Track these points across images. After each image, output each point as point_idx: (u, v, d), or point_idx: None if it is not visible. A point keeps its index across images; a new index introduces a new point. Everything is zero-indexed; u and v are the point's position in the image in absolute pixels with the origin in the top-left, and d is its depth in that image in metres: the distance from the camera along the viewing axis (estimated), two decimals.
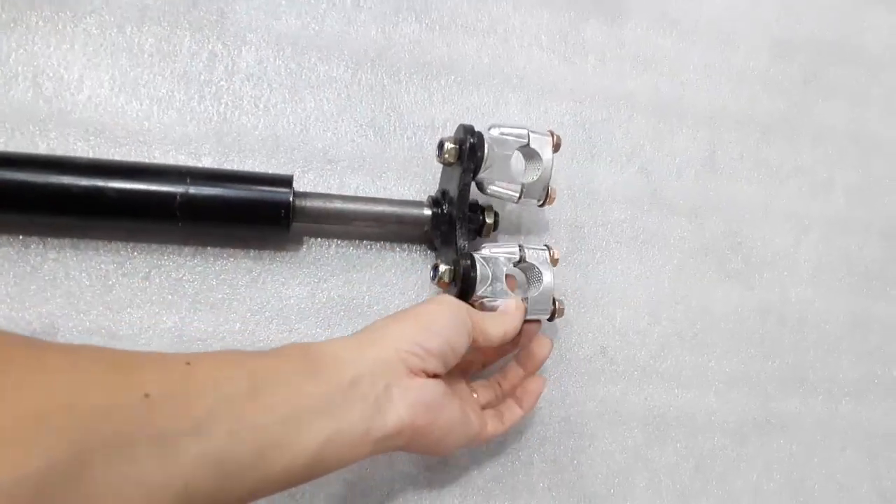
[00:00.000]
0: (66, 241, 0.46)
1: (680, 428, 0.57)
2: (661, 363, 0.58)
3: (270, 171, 0.50)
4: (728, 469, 0.58)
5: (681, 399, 0.58)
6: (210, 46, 0.51)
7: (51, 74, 0.48)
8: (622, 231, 0.59)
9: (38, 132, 0.48)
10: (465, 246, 0.47)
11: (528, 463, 0.53)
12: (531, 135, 0.48)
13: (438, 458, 0.51)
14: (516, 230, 0.56)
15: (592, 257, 0.58)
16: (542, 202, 0.49)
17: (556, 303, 0.48)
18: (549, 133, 0.49)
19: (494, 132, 0.47)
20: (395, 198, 0.51)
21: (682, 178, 0.62)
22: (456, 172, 0.48)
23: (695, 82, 0.64)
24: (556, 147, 0.49)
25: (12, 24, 0.49)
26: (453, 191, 0.48)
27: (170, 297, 0.47)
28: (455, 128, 0.48)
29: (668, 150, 0.62)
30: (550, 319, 0.48)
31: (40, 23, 0.49)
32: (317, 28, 0.54)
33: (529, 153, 0.49)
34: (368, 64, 0.55)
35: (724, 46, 0.66)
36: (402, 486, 0.50)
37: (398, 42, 0.55)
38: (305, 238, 0.51)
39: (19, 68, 0.48)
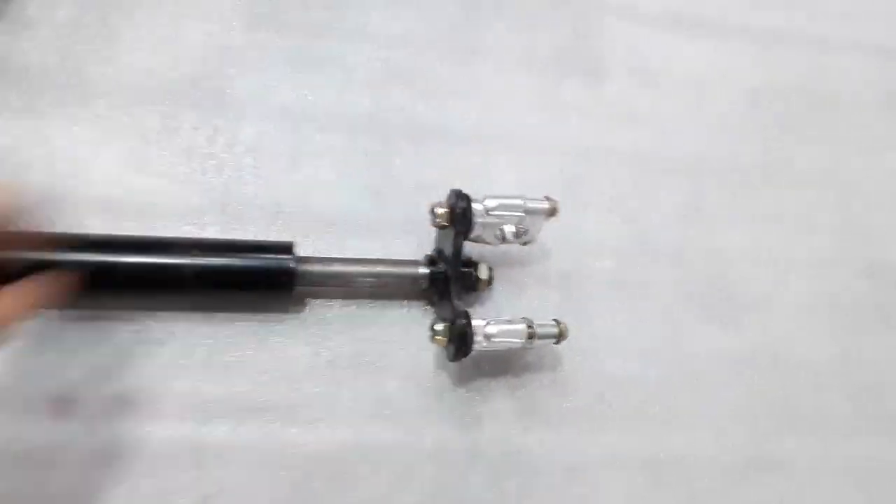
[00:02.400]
0: (85, 312, 0.51)
1: (677, 470, 0.61)
2: (653, 407, 0.62)
3: (272, 238, 0.55)
4: None
5: (676, 441, 0.62)
6: (212, 122, 0.57)
7: (64, 156, 0.54)
8: (611, 279, 0.64)
9: (54, 211, 0.53)
10: (460, 305, 0.52)
11: None
12: (526, 203, 0.54)
13: None
14: (508, 282, 0.61)
15: (584, 306, 0.63)
16: (525, 243, 0.55)
17: (560, 324, 0.54)
18: (544, 199, 0.54)
19: (491, 203, 0.53)
20: (393, 258, 0.56)
21: (667, 226, 0.67)
22: (449, 234, 0.53)
23: (675, 132, 0.70)
24: (552, 213, 0.54)
25: (26, 110, 0.55)
26: (448, 249, 0.54)
27: (183, 361, 0.52)
28: (447, 188, 0.54)
29: (652, 199, 0.68)
30: (557, 342, 0.54)
31: (52, 108, 0.55)
32: (312, 99, 0.60)
33: (522, 219, 0.54)
34: (362, 131, 0.61)
35: (701, 97, 0.72)
36: None
37: (389, 109, 0.62)
38: (308, 300, 0.56)
39: (34, 151, 0.54)
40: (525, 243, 0.56)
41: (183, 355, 0.52)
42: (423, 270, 0.55)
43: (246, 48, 0.59)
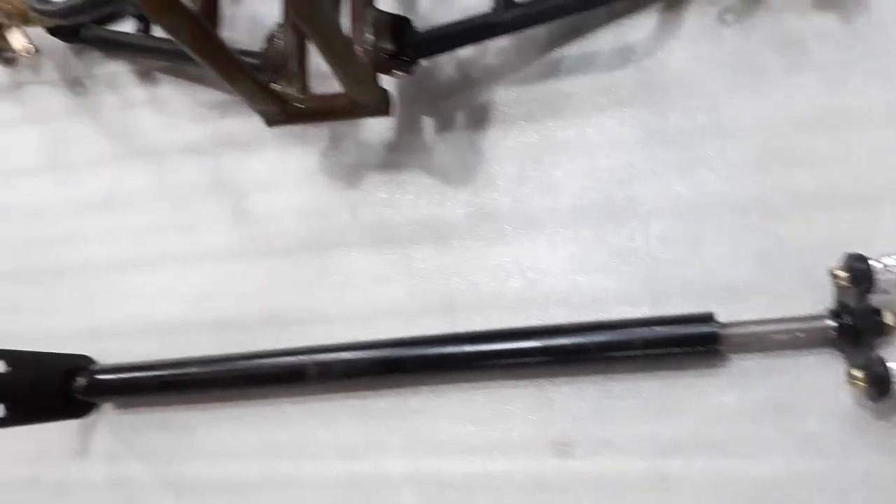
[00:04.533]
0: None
1: None
2: None
3: (690, 310, 0.72)
4: None
5: None
6: (629, 224, 0.77)
7: (530, 266, 0.78)
8: None
9: (528, 308, 0.77)
10: (872, 351, 0.63)
11: None
12: None
13: None
14: None
15: None
16: None
17: None
18: None
19: (889, 261, 0.63)
20: (799, 314, 0.69)
21: None
22: (850, 291, 0.64)
23: None
24: None
25: (496, 239, 0.80)
26: (851, 302, 0.65)
27: (638, 411, 0.72)
28: (836, 248, 0.65)
29: None
30: None
31: (515, 236, 0.79)
32: (702, 191, 0.76)
33: None
34: (749, 208, 0.74)
35: None
36: None
37: (771, 186, 0.74)
38: (730, 356, 0.71)
39: (511, 267, 0.79)
40: None
41: (638, 406, 0.72)
42: (831, 322, 0.67)
43: (642, 161, 0.77)
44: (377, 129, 0.86)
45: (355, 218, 0.85)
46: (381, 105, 0.73)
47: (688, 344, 0.69)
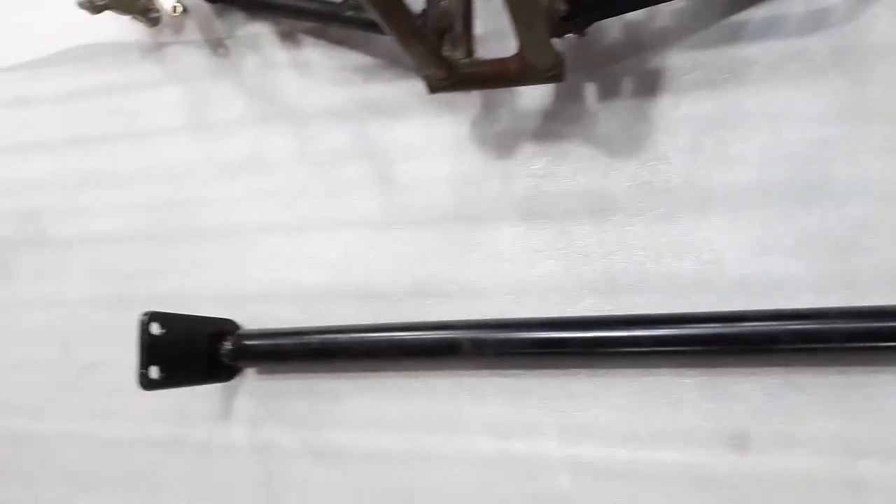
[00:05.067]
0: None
1: None
2: None
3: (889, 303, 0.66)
4: None
5: None
6: (821, 205, 0.70)
7: (705, 248, 0.73)
8: None
9: (702, 292, 0.72)
10: None
11: None
12: None
13: None
14: None
15: None
16: None
17: None
18: None
19: None
20: None
21: None
22: None
23: None
24: None
25: (666, 217, 0.75)
26: None
27: (821, 406, 0.67)
28: None
29: None
30: None
31: (684, 214, 0.74)
32: None
33: None
34: None
35: None
36: None
37: None
38: None
39: (683, 247, 0.74)
40: None
41: (826, 401, 0.67)
42: None
43: (838, 138, 0.70)
44: (534, 96, 0.82)
45: (508, 189, 0.82)
46: (555, 70, 0.69)
47: (892, 339, 0.63)
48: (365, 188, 0.88)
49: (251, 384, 0.90)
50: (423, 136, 0.86)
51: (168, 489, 0.93)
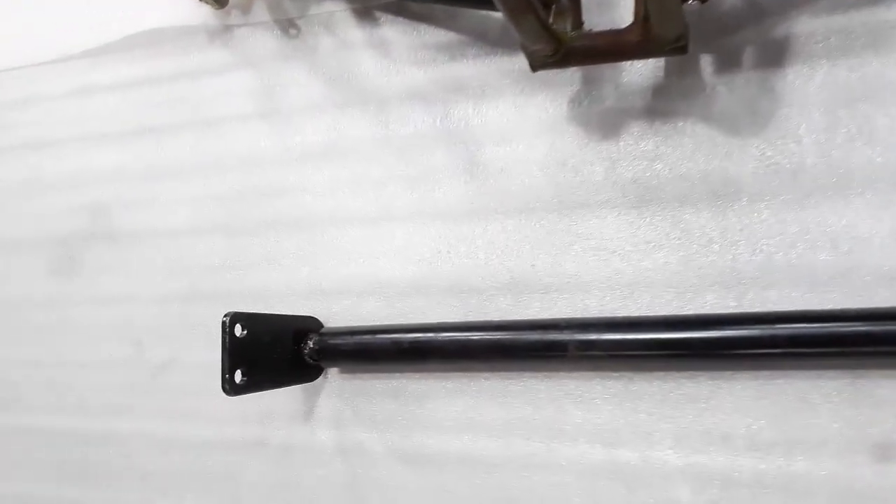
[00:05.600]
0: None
1: None
2: None
3: None
4: None
5: None
6: None
7: (844, 235, 0.65)
8: None
9: (840, 286, 0.65)
10: None
11: None
12: None
13: None
14: None
15: None
16: None
17: None
18: None
19: None
20: None
21: None
22: None
23: None
24: None
25: (799, 200, 0.67)
26: None
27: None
28: None
29: None
30: None
31: (827, 193, 0.66)
32: None
33: None
34: None
35: None
36: None
37: None
38: None
39: (817, 235, 0.66)
40: None
41: None
42: None
43: None
44: (642, 70, 0.74)
45: (613, 174, 0.75)
46: (682, 41, 0.61)
47: None
48: (452, 175, 0.82)
49: (335, 384, 0.86)
50: (516, 117, 0.80)
51: (249, 492, 0.90)
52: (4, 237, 1.08)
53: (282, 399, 0.87)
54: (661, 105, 0.74)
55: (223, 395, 0.71)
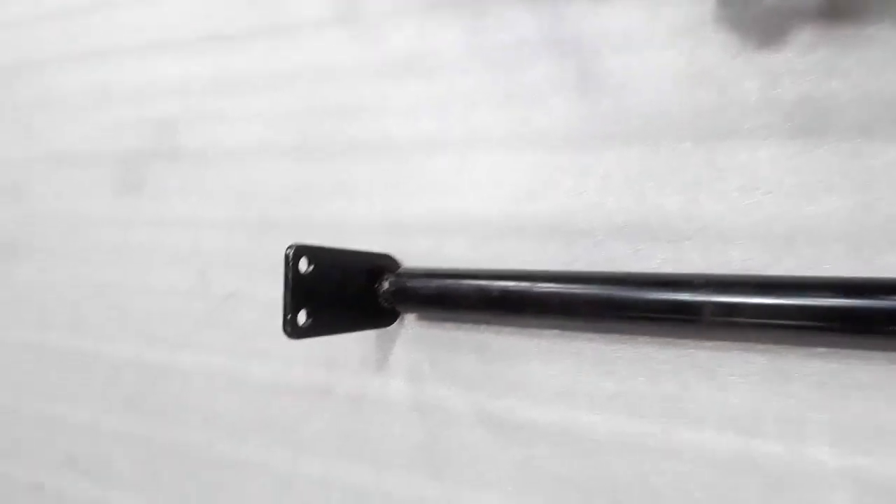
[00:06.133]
0: None
1: None
2: None
3: None
4: None
5: None
6: None
7: None
8: None
9: None
10: None
11: None
12: None
13: None
14: None
15: None
16: None
17: None
18: None
19: None
20: None
21: None
22: None
23: None
24: None
25: None
26: None
27: None
28: None
29: None
30: None
31: None
32: None
33: None
34: None
35: None
36: None
37: None
38: None
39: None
40: None
41: None
42: None
43: None
44: None
45: (772, 92, 0.58)
46: None
47: None
48: (560, 92, 0.68)
49: (413, 332, 0.75)
50: (644, 20, 0.64)
51: (313, 442, 0.82)
52: (67, 151, 1.01)
53: (352, 343, 0.78)
54: (837, 5, 0.56)
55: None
